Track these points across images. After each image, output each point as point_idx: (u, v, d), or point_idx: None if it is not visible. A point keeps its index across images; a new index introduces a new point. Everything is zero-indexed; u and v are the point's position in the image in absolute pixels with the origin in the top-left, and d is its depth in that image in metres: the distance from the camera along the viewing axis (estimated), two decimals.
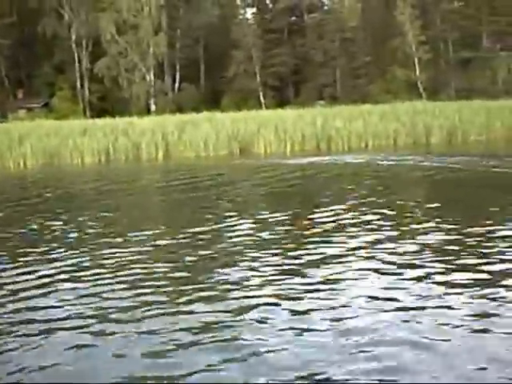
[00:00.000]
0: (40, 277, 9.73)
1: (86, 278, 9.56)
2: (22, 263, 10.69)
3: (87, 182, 25.93)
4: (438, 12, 74.83)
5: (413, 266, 9.30)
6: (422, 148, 32.75)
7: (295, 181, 21.86)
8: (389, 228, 12.26)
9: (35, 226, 14.41)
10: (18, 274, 9.95)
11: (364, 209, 14.57)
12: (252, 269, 9.62)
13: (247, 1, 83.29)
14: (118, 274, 9.71)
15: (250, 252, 10.70)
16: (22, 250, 11.73)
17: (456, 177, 20.48)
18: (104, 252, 11.30)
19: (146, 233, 13.02)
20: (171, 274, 9.65)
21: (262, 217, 14.33)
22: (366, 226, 12.43)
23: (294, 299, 8.08)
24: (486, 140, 35.51)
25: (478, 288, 8.16)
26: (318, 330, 6.96)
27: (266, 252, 10.61)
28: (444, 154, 28.36)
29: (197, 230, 12.99)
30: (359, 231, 12.01)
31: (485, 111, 38.30)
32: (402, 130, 35.71)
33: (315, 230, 12.26)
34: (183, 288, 8.79)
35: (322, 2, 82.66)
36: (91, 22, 70.10)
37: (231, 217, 14.27)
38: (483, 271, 8.92)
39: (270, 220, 13.83)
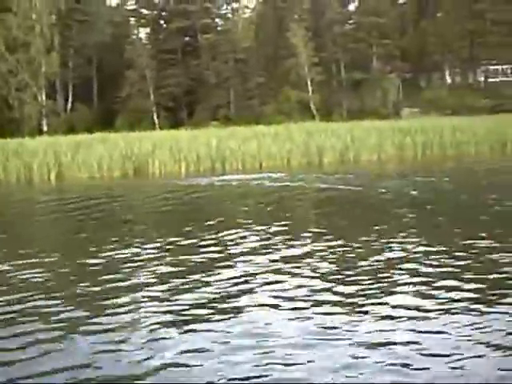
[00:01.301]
0: None
1: None
2: None
3: None
4: (330, 34, 76.44)
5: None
6: (314, 168, 33.12)
7: (186, 200, 22.19)
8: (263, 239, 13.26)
9: None
10: None
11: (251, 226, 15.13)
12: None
13: (141, 20, 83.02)
14: None
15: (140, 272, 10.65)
16: None
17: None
18: None
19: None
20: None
21: (148, 237, 14.39)
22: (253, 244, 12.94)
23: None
24: (377, 160, 35.94)
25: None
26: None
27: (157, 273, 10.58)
28: (330, 173, 28.81)
29: (76, 253, 13.06)
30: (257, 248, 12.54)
31: (376, 131, 38.81)
32: (296, 150, 35.88)
33: None
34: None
35: (216, 23, 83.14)
36: None
37: (112, 241, 14.17)
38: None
39: (158, 240, 14.00)
